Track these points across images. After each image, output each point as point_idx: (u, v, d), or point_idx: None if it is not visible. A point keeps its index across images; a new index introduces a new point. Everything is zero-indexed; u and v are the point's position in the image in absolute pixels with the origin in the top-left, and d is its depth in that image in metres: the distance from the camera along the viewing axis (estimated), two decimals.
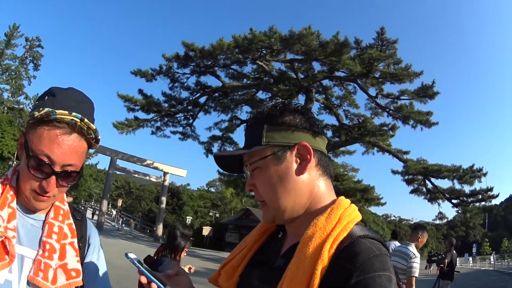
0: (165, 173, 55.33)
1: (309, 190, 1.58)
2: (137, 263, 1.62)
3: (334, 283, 1.32)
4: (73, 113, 1.71)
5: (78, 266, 1.92)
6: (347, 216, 1.49)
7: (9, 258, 1.67)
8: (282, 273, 1.42)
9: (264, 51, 34.14)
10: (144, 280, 1.60)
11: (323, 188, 1.62)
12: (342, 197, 1.62)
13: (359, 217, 1.55)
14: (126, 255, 1.65)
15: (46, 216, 1.93)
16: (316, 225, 1.45)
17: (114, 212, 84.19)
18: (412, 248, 8.98)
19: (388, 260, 1.39)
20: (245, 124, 1.76)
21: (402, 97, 34.73)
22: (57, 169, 1.73)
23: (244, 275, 1.73)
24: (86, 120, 1.74)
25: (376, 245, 1.40)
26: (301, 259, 1.39)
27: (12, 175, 1.87)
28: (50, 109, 1.70)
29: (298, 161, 1.58)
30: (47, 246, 1.81)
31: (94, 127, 1.79)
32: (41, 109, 1.72)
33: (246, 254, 1.79)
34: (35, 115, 1.71)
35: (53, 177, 1.74)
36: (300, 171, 1.56)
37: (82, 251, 2.04)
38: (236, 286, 1.74)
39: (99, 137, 1.84)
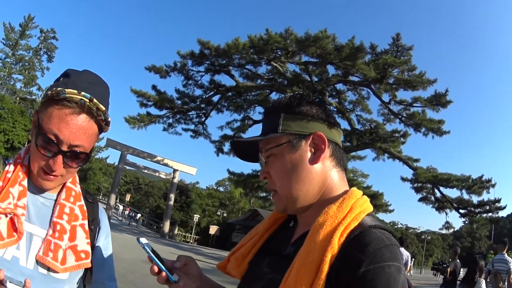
0: (174, 170, 55.13)
1: (322, 179, 1.59)
2: (147, 248, 1.62)
3: (343, 271, 1.32)
4: (82, 93, 1.73)
5: (88, 248, 1.94)
6: (359, 206, 1.49)
7: (17, 235, 1.70)
8: (292, 261, 1.42)
9: (279, 52, 34.06)
10: (155, 269, 1.61)
11: (336, 179, 1.63)
12: (354, 188, 1.62)
13: (370, 208, 1.55)
14: (138, 239, 1.65)
15: (57, 196, 1.96)
16: (327, 213, 1.45)
17: (121, 207, 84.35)
18: (508, 256, 13.21)
19: (398, 250, 1.39)
20: (263, 112, 1.78)
21: (415, 104, 34.47)
22: (64, 148, 1.75)
23: (253, 263, 1.75)
24: (95, 100, 1.75)
25: (386, 235, 1.40)
26: (311, 246, 1.39)
27: (25, 154, 1.91)
28: (60, 88, 1.72)
29: (313, 150, 1.59)
30: (58, 227, 1.84)
31: (104, 108, 1.79)
32: (54, 88, 1.74)
33: (257, 242, 1.80)
34: (48, 94, 1.75)
35: (60, 157, 1.76)
36: (314, 160, 1.58)
37: (94, 234, 2.07)
38: (245, 273, 1.77)
39: (109, 119, 1.85)
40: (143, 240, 1.64)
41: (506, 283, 12.83)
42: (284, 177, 1.59)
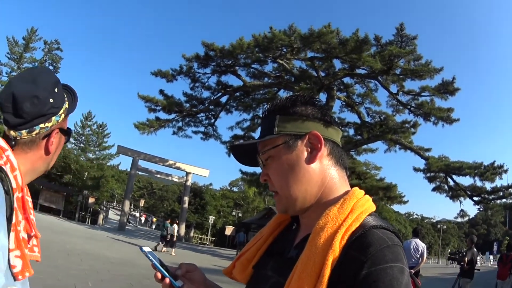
0: (187, 173, 55.26)
1: (320, 179, 1.59)
2: (150, 256, 1.64)
3: (345, 274, 1.31)
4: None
5: None
6: (360, 207, 1.48)
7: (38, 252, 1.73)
8: (295, 264, 1.41)
9: (285, 50, 34.11)
10: (159, 276, 1.63)
11: (336, 178, 1.62)
12: (356, 188, 1.62)
13: (372, 207, 1.55)
14: (141, 248, 1.68)
15: None
16: (328, 216, 1.44)
17: (138, 215, 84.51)
18: None
19: (401, 251, 1.37)
20: (261, 116, 1.79)
21: (423, 94, 34.54)
22: None
23: (258, 266, 1.75)
24: None
25: (388, 235, 1.39)
26: (312, 250, 1.38)
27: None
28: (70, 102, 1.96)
29: (309, 149, 1.59)
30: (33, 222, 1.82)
31: None
32: (66, 102, 1.91)
33: (261, 246, 1.80)
34: (66, 112, 1.94)
35: None
36: (310, 159, 1.58)
37: None
38: (250, 277, 1.78)
39: None
40: (146, 248, 1.67)
41: None
42: (282, 178, 1.59)
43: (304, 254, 1.40)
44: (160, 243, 30.92)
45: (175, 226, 31.38)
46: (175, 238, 30.65)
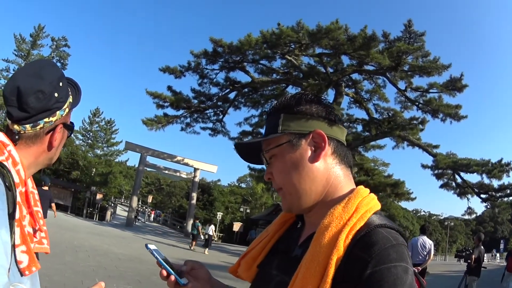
0: (195, 169, 55.27)
1: (325, 178, 1.58)
2: (155, 253, 1.64)
3: (349, 273, 1.31)
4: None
5: None
6: (365, 205, 1.48)
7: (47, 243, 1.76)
8: (299, 263, 1.42)
9: (293, 46, 34.15)
10: (164, 273, 1.63)
11: (341, 177, 1.62)
12: (361, 186, 1.61)
13: (377, 206, 1.54)
14: (146, 245, 1.69)
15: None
16: (332, 214, 1.44)
17: (147, 211, 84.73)
18: None
19: (405, 250, 1.37)
20: (266, 114, 1.77)
21: (431, 90, 34.52)
22: None
23: (263, 265, 1.75)
24: None
25: (393, 234, 1.38)
26: (316, 249, 1.38)
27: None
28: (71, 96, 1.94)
29: (313, 148, 1.59)
30: (39, 215, 1.86)
31: None
32: (70, 97, 1.92)
33: (267, 244, 1.80)
34: (70, 106, 1.94)
35: None
36: (314, 158, 1.57)
37: None
38: (255, 276, 1.77)
39: None
40: (152, 246, 1.69)
41: None
42: (286, 177, 1.59)
43: (309, 253, 1.41)
44: (203, 244, 31.28)
45: (212, 226, 31.93)
46: (211, 238, 31.12)
